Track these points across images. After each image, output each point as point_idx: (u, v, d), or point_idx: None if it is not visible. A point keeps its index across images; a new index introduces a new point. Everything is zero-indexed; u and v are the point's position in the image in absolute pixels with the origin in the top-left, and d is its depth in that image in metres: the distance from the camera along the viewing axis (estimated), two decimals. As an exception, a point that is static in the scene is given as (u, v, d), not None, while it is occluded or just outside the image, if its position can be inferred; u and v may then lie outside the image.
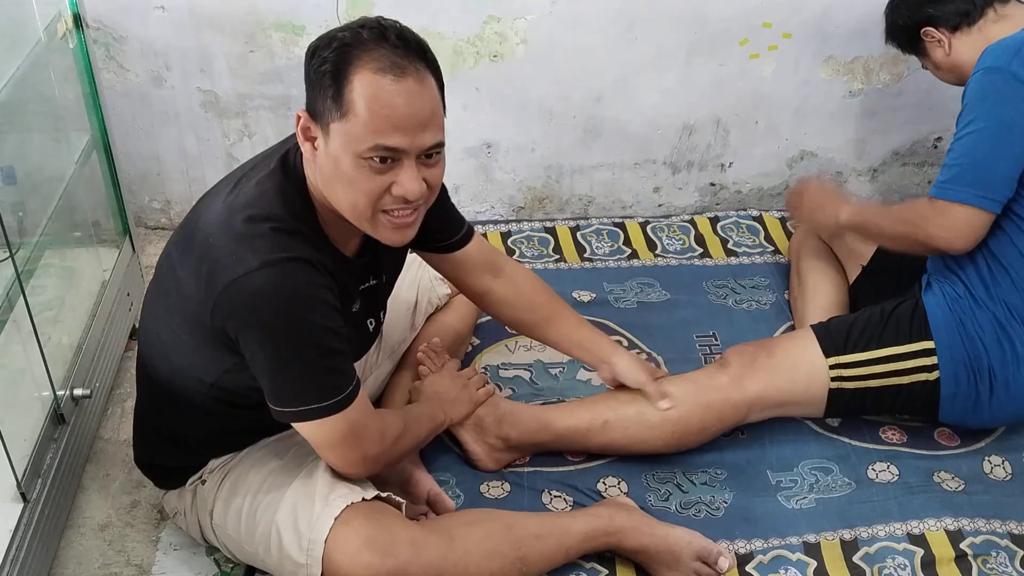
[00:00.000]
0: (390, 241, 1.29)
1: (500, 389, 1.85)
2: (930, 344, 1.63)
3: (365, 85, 1.17)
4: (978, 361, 1.62)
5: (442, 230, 1.55)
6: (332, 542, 1.32)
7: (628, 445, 1.66)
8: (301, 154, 1.29)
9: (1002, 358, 1.62)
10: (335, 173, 1.23)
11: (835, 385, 1.66)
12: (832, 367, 1.65)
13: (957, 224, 1.60)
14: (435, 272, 1.79)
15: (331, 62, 1.19)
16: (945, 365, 1.63)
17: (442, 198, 1.49)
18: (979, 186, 1.59)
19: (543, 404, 1.77)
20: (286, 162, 1.30)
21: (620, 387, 1.66)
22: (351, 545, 1.32)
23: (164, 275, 1.35)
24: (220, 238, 1.24)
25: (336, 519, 1.33)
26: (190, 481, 1.47)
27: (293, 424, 1.31)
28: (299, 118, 1.24)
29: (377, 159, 1.20)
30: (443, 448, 1.73)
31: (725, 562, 1.51)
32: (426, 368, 1.71)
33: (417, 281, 1.80)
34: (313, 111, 1.22)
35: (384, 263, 1.45)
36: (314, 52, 1.22)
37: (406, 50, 1.19)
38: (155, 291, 1.38)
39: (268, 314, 1.20)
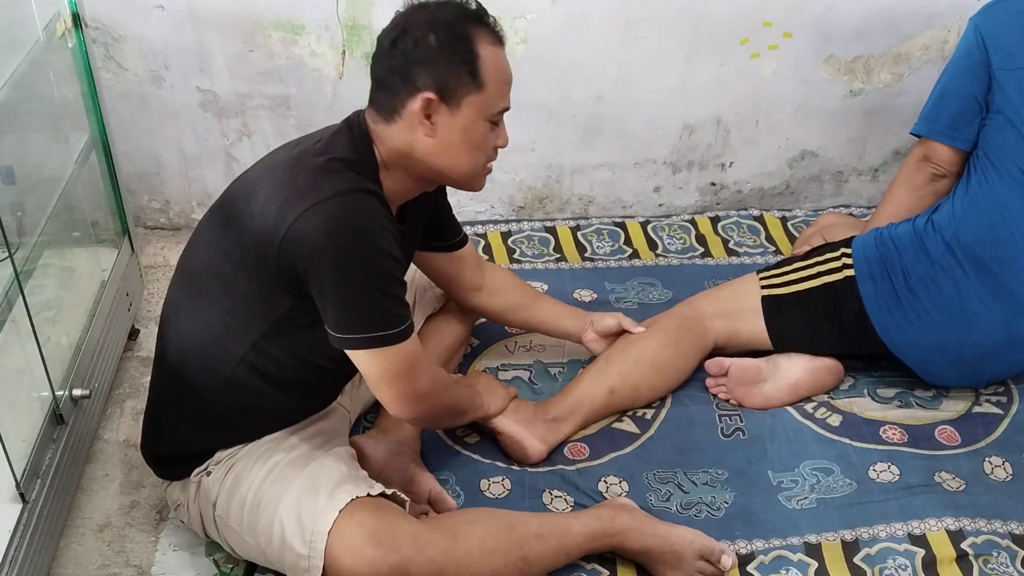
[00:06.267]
0: (480, 188, 1.47)
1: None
2: (848, 250, 1.80)
3: (489, 57, 1.33)
4: (888, 259, 1.75)
5: (452, 228, 1.69)
6: (335, 535, 1.33)
7: (634, 360, 1.77)
8: (364, 120, 1.38)
9: (914, 258, 1.73)
10: (464, 140, 1.36)
11: (766, 292, 1.82)
12: (761, 280, 1.85)
13: (921, 153, 1.83)
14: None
15: (460, 42, 1.31)
16: (858, 262, 1.76)
17: (445, 200, 1.65)
18: (931, 119, 1.82)
19: None
20: (352, 124, 1.39)
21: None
22: (355, 539, 1.32)
23: (206, 236, 1.41)
24: (294, 174, 1.31)
25: (340, 512, 1.34)
26: (195, 472, 1.47)
27: (354, 355, 1.34)
28: (428, 101, 1.31)
29: (497, 120, 1.38)
30: (443, 447, 1.73)
31: (728, 560, 1.51)
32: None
33: (414, 284, 1.81)
34: (444, 90, 1.31)
35: (409, 241, 1.51)
36: (429, 33, 1.30)
37: (492, 21, 1.36)
38: (191, 258, 1.44)
39: (344, 237, 1.27)
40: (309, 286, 1.30)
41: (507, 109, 1.39)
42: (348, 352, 1.34)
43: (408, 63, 1.31)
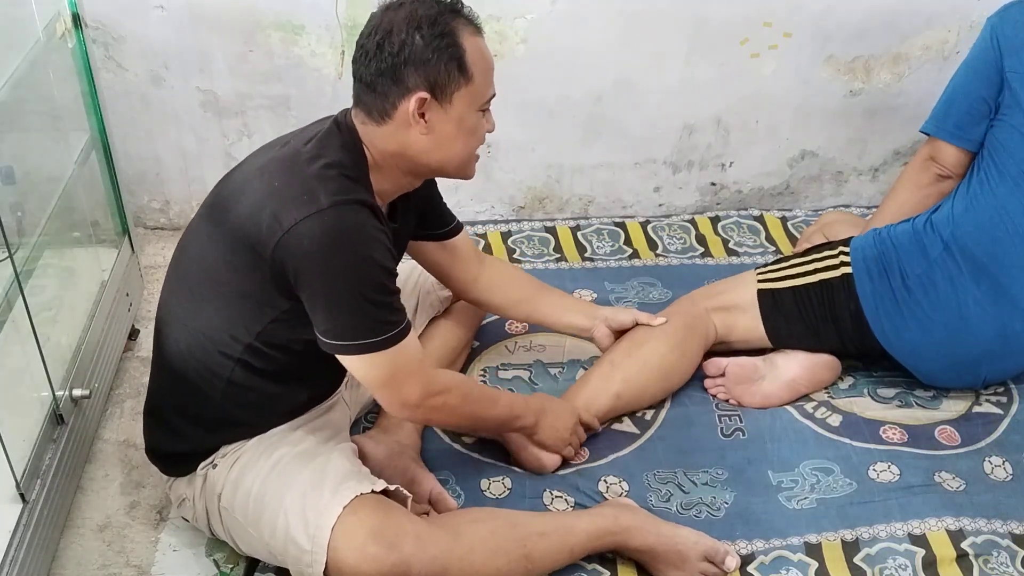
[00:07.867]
0: (472, 175, 1.46)
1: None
2: (846, 248, 1.80)
3: (473, 49, 1.34)
4: (886, 258, 1.75)
5: (442, 216, 1.68)
6: (338, 531, 1.33)
7: (640, 365, 1.75)
8: (349, 119, 1.38)
9: (912, 258, 1.73)
10: (458, 132, 1.37)
11: (762, 286, 1.82)
12: (758, 274, 1.86)
13: (927, 153, 1.83)
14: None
15: (445, 39, 1.31)
16: (856, 261, 1.77)
17: (436, 189, 1.64)
18: (939, 117, 1.81)
19: None
20: (340, 124, 1.39)
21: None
22: (357, 535, 1.32)
23: (197, 238, 1.41)
24: (287, 179, 1.31)
25: (344, 508, 1.34)
26: (201, 466, 1.47)
27: (343, 359, 1.35)
28: (422, 100, 1.32)
29: (486, 108, 1.39)
30: (443, 447, 1.73)
31: (732, 561, 1.51)
32: None
33: (418, 287, 1.82)
34: (435, 87, 1.32)
35: (400, 237, 1.51)
36: (413, 33, 1.30)
37: (468, 10, 1.37)
38: (183, 260, 1.44)
39: (338, 249, 1.28)
40: (299, 291, 1.31)
41: (494, 96, 1.40)
42: (338, 357, 1.35)
43: (396, 64, 1.30)
